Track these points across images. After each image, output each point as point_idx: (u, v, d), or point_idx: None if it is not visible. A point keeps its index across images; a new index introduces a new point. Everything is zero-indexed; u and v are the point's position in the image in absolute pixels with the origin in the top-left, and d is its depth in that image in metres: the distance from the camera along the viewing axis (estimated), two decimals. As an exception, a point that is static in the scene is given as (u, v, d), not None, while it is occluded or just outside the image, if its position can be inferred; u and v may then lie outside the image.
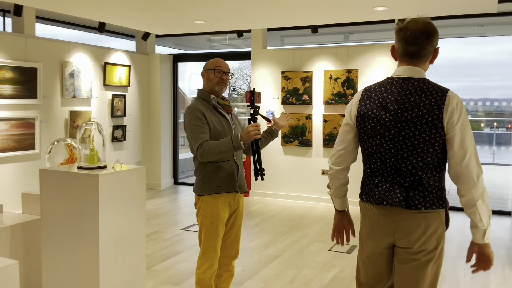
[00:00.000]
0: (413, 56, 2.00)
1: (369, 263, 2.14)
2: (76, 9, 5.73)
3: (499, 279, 4.20)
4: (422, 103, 1.92)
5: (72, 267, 2.78)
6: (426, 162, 1.96)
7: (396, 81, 2.00)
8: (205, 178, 2.85)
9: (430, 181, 1.98)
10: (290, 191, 7.39)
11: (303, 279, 4.16)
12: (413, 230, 1.97)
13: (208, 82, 2.95)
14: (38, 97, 6.09)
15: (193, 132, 2.79)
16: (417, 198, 1.96)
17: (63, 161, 3.26)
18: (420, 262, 2.00)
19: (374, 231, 2.08)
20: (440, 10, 5.55)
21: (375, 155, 2.04)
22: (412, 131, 1.93)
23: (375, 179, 2.06)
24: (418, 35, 1.98)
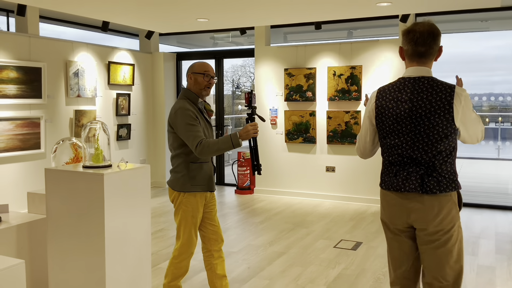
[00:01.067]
0: (422, 55, 2.24)
1: (395, 244, 2.36)
2: (79, 9, 5.74)
3: (505, 275, 4.19)
4: (434, 99, 2.17)
5: (78, 266, 2.80)
6: (439, 150, 2.19)
7: (408, 81, 2.25)
8: (187, 176, 3.05)
9: (442, 167, 2.20)
10: (294, 188, 7.39)
11: (308, 276, 4.17)
12: (428, 212, 2.19)
13: (195, 84, 3.13)
14: (42, 97, 6.11)
15: (190, 131, 2.96)
16: (431, 183, 2.18)
17: (69, 161, 3.28)
18: (440, 242, 2.21)
19: (394, 214, 2.30)
20: (444, 5, 5.52)
21: (393, 148, 2.27)
22: (427, 124, 2.18)
23: (393, 169, 2.29)
24: (426, 36, 2.20)
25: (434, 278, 2.26)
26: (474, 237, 5.32)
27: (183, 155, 3.08)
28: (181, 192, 3.06)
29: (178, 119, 3.00)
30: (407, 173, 2.23)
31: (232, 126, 13.56)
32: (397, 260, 2.38)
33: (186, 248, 3.12)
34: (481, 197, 7.71)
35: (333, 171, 7.11)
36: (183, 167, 3.06)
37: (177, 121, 3.01)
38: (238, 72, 22.09)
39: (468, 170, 10.87)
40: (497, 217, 6.15)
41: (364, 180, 6.91)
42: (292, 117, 7.27)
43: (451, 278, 2.24)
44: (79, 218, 2.74)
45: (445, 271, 2.23)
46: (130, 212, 2.86)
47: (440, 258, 2.22)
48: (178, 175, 3.07)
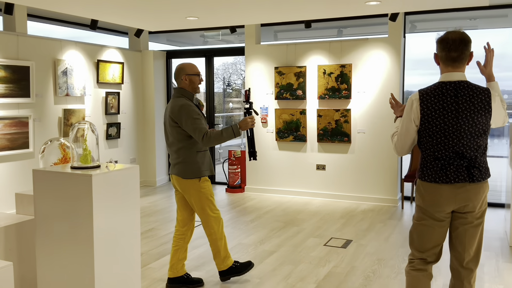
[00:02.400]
0: (455, 60, 2.55)
1: (432, 230, 2.66)
2: (67, 7, 5.70)
3: (493, 271, 4.23)
4: (475, 101, 2.52)
5: (67, 267, 2.78)
6: (479, 145, 2.56)
7: (449, 85, 2.56)
8: (198, 164, 3.63)
9: (481, 159, 2.58)
10: (285, 186, 7.40)
11: (298, 274, 4.18)
12: (476, 197, 2.57)
13: (191, 84, 3.68)
14: (31, 96, 6.06)
15: (196, 124, 3.51)
16: (476, 173, 2.54)
17: (57, 161, 3.25)
18: (479, 220, 2.63)
19: (441, 203, 2.59)
20: (432, 4, 5.56)
21: (439, 145, 2.57)
22: (470, 123, 2.51)
23: (438, 163, 2.58)
24: (458, 42, 2.52)
25: (466, 251, 2.66)
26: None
27: (189, 146, 3.61)
28: (195, 179, 3.62)
29: (183, 115, 3.52)
30: (453, 166, 2.54)
31: (223, 125, 13.54)
32: (433, 241, 2.67)
33: (218, 221, 3.77)
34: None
35: (324, 169, 7.13)
36: (192, 157, 3.61)
37: (183, 117, 3.52)
38: (229, 70, 22.02)
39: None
40: (486, 214, 6.18)
41: (354, 178, 6.94)
42: (282, 115, 7.28)
43: (476, 250, 2.68)
44: (68, 219, 2.73)
45: (474, 244, 2.66)
46: (119, 213, 2.85)
47: (474, 235, 2.63)
48: (189, 164, 3.61)
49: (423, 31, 7.86)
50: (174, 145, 3.65)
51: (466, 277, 2.70)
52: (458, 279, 2.73)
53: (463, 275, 2.70)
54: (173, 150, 3.69)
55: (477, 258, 2.70)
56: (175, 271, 3.83)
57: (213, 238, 3.83)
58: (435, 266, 4.28)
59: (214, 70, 8.49)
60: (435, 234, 2.67)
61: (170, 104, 3.68)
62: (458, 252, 2.69)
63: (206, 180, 3.68)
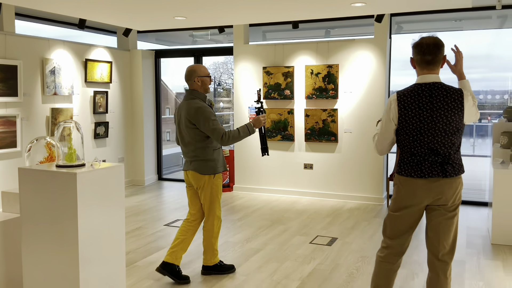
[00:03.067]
0: (430, 63, 2.71)
1: (404, 219, 2.83)
2: (55, 6, 5.70)
3: (474, 268, 4.32)
4: (449, 101, 2.69)
5: (53, 265, 2.82)
6: (453, 142, 2.73)
7: (424, 86, 2.73)
8: (214, 161, 3.89)
9: (455, 156, 2.75)
10: (273, 185, 7.46)
11: (283, 271, 4.24)
12: (449, 191, 2.72)
13: (202, 85, 3.90)
14: (18, 95, 6.06)
15: (214, 125, 3.76)
16: (449, 169, 2.71)
17: (43, 160, 3.28)
18: (452, 213, 2.78)
19: (416, 196, 2.76)
20: (416, 5, 5.64)
21: (416, 142, 2.73)
22: (445, 122, 2.68)
23: (414, 159, 2.75)
24: (432, 46, 2.70)
25: (440, 244, 2.81)
26: (446, 232, 5.45)
27: (206, 145, 3.84)
28: (211, 175, 3.88)
29: (201, 117, 3.74)
30: (428, 162, 2.71)
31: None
32: (404, 231, 2.86)
33: (219, 220, 4.03)
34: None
35: (311, 168, 7.20)
36: (210, 155, 3.87)
37: (200, 119, 3.74)
38: (220, 69, 22.01)
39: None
40: (469, 213, 6.31)
41: (341, 177, 7.02)
42: (270, 115, 7.34)
43: (451, 243, 2.83)
44: (53, 217, 2.76)
45: (449, 237, 2.81)
46: (104, 211, 2.88)
47: (449, 227, 2.79)
48: (206, 162, 3.86)
49: (409, 32, 7.97)
50: (191, 144, 3.87)
51: (442, 270, 2.84)
52: (434, 271, 2.87)
53: (439, 267, 2.84)
54: (191, 149, 3.89)
55: (452, 251, 2.84)
56: (173, 258, 3.95)
57: (209, 234, 4.04)
58: (418, 263, 4.37)
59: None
60: (406, 223, 2.84)
61: (185, 106, 3.84)
62: (434, 245, 2.84)
63: (219, 178, 3.96)
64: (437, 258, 2.84)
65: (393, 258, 2.92)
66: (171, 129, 12.62)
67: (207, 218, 4.05)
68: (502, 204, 4.98)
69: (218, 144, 3.93)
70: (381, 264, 2.95)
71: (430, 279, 2.90)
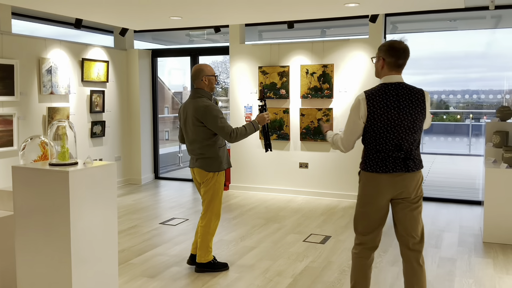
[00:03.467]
0: (400, 66, 2.91)
1: (373, 214, 2.97)
2: (51, 6, 5.75)
3: (465, 266, 4.37)
4: (414, 99, 2.87)
5: (45, 263, 2.85)
6: (415, 139, 2.91)
7: (391, 86, 2.88)
8: (220, 158, 4.00)
9: (416, 152, 2.93)
10: (269, 184, 7.51)
11: (276, 269, 4.29)
12: (411, 184, 2.90)
13: (209, 84, 4.01)
14: (15, 94, 6.10)
15: (223, 123, 3.88)
16: (411, 164, 2.88)
17: (37, 158, 3.32)
18: (416, 205, 2.95)
19: (381, 190, 2.91)
20: (409, 6, 5.69)
21: (381, 139, 2.87)
22: (410, 119, 2.85)
23: (379, 155, 2.89)
24: (406, 52, 2.89)
25: (410, 235, 2.97)
26: (439, 230, 5.51)
27: (213, 143, 3.96)
28: (216, 172, 3.99)
29: (209, 115, 3.85)
30: (392, 158, 2.87)
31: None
32: (374, 226, 3.00)
33: (218, 215, 4.13)
34: (449, 192, 7.95)
35: (306, 167, 7.25)
36: (215, 152, 3.98)
37: (209, 117, 3.85)
38: (219, 68, 22.02)
39: (439, 166, 11.15)
40: (462, 211, 6.37)
41: (336, 176, 7.07)
42: (266, 114, 7.37)
43: (420, 233, 3.00)
44: (46, 215, 2.80)
45: (417, 228, 2.98)
46: (96, 209, 2.93)
47: (416, 218, 2.96)
48: (212, 159, 3.98)
49: (404, 32, 8.01)
50: (197, 142, 3.97)
51: (415, 258, 3.00)
52: (408, 261, 3.02)
53: (412, 257, 3.00)
54: (197, 147, 4.00)
55: (422, 240, 3.01)
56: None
57: (205, 230, 4.10)
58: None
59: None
60: (376, 218, 2.98)
61: (192, 105, 3.94)
62: (403, 236, 2.99)
63: (222, 175, 4.07)
64: (409, 248, 2.99)
65: (367, 253, 3.06)
66: (169, 128, 12.66)
67: (205, 215, 4.12)
68: (493, 203, 5.03)
69: (223, 142, 4.07)
70: (357, 260, 3.09)
71: (405, 269, 3.05)
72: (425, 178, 9.12)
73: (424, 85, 12.86)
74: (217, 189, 4.08)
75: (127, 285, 3.93)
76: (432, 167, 10.80)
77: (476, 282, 4.00)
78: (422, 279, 3.02)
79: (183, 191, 7.81)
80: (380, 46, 2.97)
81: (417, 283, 3.01)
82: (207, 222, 4.10)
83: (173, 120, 12.75)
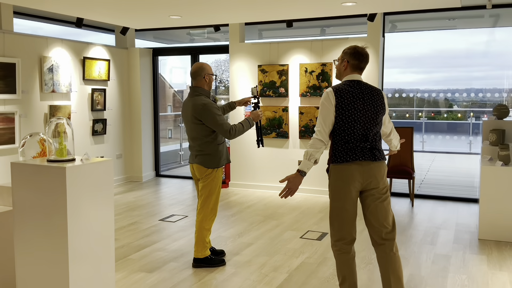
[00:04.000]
0: (362, 69, 3.22)
1: (347, 207, 3.09)
2: (53, 5, 5.82)
3: (459, 262, 4.42)
4: (374, 94, 3.15)
5: (43, 257, 2.92)
6: (377, 131, 3.14)
7: (356, 83, 3.15)
8: (218, 155, 4.12)
9: (378, 143, 3.15)
10: (268, 182, 7.57)
11: (272, 264, 4.35)
12: (378, 173, 3.07)
13: (209, 83, 4.14)
14: (17, 92, 6.18)
15: (221, 120, 3.99)
16: (377, 154, 3.08)
17: (36, 155, 3.40)
18: (385, 195, 3.12)
19: (351, 180, 3.05)
20: (405, 5, 5.73)
21: (350, 130, 3.06)
22: (373, 111, 3.08)
23: (348, 145, 3.06)
24: (367, 57, 3.20)
25: (382, 225, 3.11)
26: (435, 227, 5.55)
27: (212, 140, 4.07)
28: (215, 168, 4.11)
29: (207, 113, 3.95)
30: (360, 147, 3.05)
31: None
32: (349, 219, 3.11)
33: (214, 211, 4.22)
34: (447, 190, 7.98)
35: (305, 165, 7.29)
36: (214, 149, 4.09)
37: (207, 114, 3.95)
38: (222, 67, 22.04)
39: (439, 164, 11.18)
40: (460, 209, 6.41)
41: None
42: (265, 112, 7.44)
43: (391, 222, 3.14)
44: (44, 210, 2.87)
45: (388, 218, 3.12)
46: (93, 204, 2.99)
47: (386, 208, 3.11)
48: (211, 156, 4.09)
49: (403, 31, 8.05)
50: (197, 139, 4.09)
51: (389, 247, 3.12)
52: (382, 250, 3.14)
53: (385, 246, 3.12)
54: (197, 144, 4.11)
55: (394, 228, 3.15)
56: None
57: (202, 226, 4.19)
58: (404, 258, 4.47)
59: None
60: (350, 211, 3.10)
61: (191, 103, 4.06)
62: (376, 227, 3.13)
63: (220, 171, 4.20)
64: (382, 238, 3.12)
65: (347, 247, 3.16)
66: (172, 127, 12.73)
67: (201, 210, 4.21)
68: (489, 200, 5.07)
69: (222, 139, 4.17)
70: (340, 256, 3.19)
71: (380, 258, 3.15)
72: (424, 176, 9.19)
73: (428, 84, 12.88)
74: (214, 185, 4.16)
75: (125, 280, 4.01)
76: (432, 165, 10.84)
77: (469, 278, 4.06)
78: (398, 266, 3.12)
79: (183, 188, 7.88)
80: (345, 50, 3.21)
81: (393, 271, 3.10)
82: (203, 217, 4.19)
83: (174, 118, 12.82)
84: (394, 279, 3.10)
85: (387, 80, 7.15)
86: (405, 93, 13.57)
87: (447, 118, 13.73)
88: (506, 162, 5.10)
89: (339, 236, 3.15)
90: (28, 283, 3.00)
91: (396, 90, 13.69)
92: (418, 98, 13.39)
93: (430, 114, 13.72)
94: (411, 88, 13.73)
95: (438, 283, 3.95)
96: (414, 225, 5.68)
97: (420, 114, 13.40)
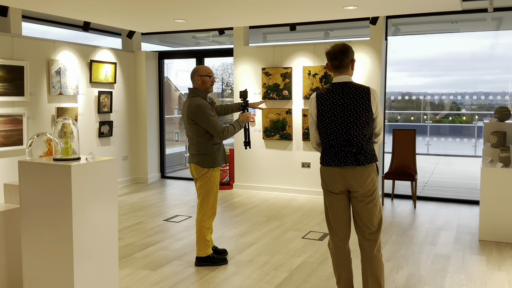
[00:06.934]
0: (338, 67, 3.13)
1: (337, 203, 3.19)
2: (60, 10, 5.95)
3: (458, 263, 4.47)
4: (358, 97, 3.07)
5: (49, 254, 3.01)
6: (364, 134, 3.09)
7: (338, 86, 3.12)
8: (214, 155, 4.20)
9: (367, 146, 3.11)
10: (271, 183, 7.64)
11: (273, 264, 4.42)
12: (361, 178, 3.09)
13: (202, 84, 4.20)
14: (25, 94, 6.31)
15: (213, 121, 4.09)
16: (362, 158, 3.07)
17: (42, 154, 3.50)
18: (369, 198, 3.13)
19: (335, 182, 3.14)
20: (406, 8, 5.79)
21: (333, 135, 3.10)
22: (355, 116, 3.06)
23: (333, 150, 3.11)
24: (337, 53, 3.10)
25: (365, 226, 3.17)
26: (436, 228, 5.60)
27: (207, 140, 4.17)
28: (210, 168, 4.19)
29: (200, 113, 4.06)
30: (344, 152, 3.08)
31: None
32: (338, 215, 3.21)
33: (213, 210, 4.30)
34: (450, 192, 8.01)
35: (309, 167, 7.37)
36: (209, 149, 4.19)
37: (200, 115, 4.06)
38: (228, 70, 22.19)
39: (444, 167, 11.20)
40: (462, 211, 6.45)
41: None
42: (269, 114, 7.52)
43: (376, 224, 3.18)
44: (50, 207, 2.97)
45: (373, 219, 3.16)
46: (97, 203, 3.08)
47: (370, 211, 3.14)
48: (207, 155, 4.19)
49: (406, 34, 8.11)
50: (193, 139, 4.22)
51: (370, 248, 3.19)
52: (365, 250, 3.21)
53: (367, 246, 3.20)
54: (193, 144, 4.24)
55: (378, 230, 3.19)
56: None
57: (201, 225, 4.29)
58: (404, 257, 4.52)
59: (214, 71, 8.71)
60: (341, 209, 3.20)
61: (187, 103, 4.20)
62: (360, 227, 3.20)
63: (217, 171, 4.28)
64: (364, 238, 3.19)
65: (340, 244, 3.25)
66: (179, 129, 12.84)
67: (200, 209, 4.30)
68: (489, 202, 5.12)
69: (221, 140, 4.27)
70: (336, 253, 3.28)
71: (362, 258, 3.23)
72: (428, 178, 9.22)
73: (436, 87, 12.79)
74: (212, 185, 4.26)
75: (130, 277, 4.10)
76: (436, 168, 10.86)
77: (468, 277, 4.10)
78: (377, 268, 3.18)
79: (188, 189, 7.97)
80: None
81: (372, 272, 3.17)
82: (202, 217, 4.29)
83: (180, 121, 12.94)
84: (372, 279, 3.16)
85: (395, 84, 7.23)
86: (414, 96, 13.62)
87: (453, 121, 13.74)
88: (506, 164, 5.14)
89: (332, 232, 3.25)
90: (34, 278, 3.10)
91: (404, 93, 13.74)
92: (426, 101, 13.42)
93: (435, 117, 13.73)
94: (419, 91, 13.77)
95: (437, 282, 4.00)
96: (415, 226, 5.73)
97: (425, 117, 13.42)
